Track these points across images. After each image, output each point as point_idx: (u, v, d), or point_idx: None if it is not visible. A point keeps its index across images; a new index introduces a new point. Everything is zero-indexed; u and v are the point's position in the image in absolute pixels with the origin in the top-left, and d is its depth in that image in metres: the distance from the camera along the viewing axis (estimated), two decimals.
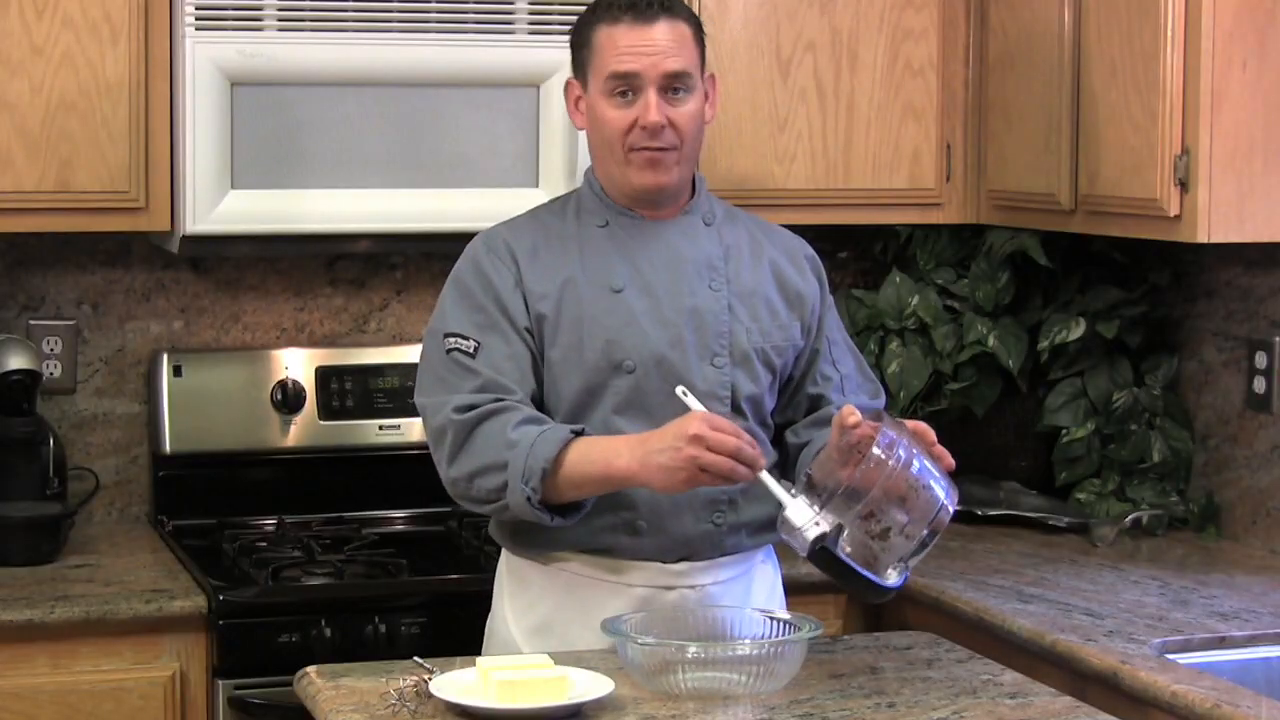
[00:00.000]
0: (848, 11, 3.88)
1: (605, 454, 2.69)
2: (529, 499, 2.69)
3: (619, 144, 2.83)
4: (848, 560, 2.54)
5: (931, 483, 2.57)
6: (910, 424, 2.65)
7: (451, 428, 2.77)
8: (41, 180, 3.49)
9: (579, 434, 2.73)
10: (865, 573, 2.55)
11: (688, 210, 2.92)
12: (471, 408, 2.77)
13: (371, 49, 3.58)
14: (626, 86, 2.81)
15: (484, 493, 2.76)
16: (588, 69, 2.86)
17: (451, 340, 2.84)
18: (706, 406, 2.75)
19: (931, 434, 2.67)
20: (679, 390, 2.72)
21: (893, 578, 2.57)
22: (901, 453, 2.55)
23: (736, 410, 2.87)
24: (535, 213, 2.96)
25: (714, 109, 2.93)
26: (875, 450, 2.55)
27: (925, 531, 2.57)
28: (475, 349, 2.82)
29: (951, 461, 2.65)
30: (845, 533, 2.54)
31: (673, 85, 2.81)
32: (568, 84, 2.93)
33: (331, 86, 3.57)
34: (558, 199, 3.00)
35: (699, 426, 2.60)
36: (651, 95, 2.80)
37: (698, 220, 2.93)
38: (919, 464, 2.57)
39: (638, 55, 2.80)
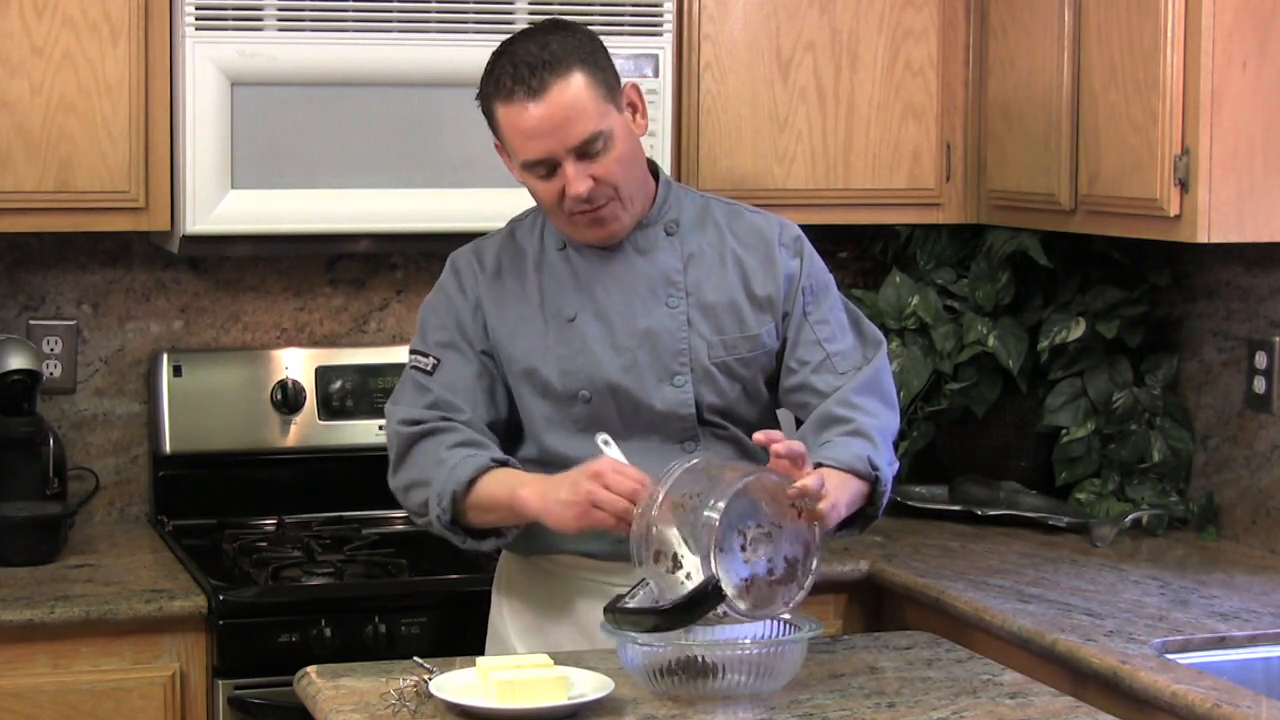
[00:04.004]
0: (848, 11, 3.89)
1: (513, 484, 2.74)
2: (439, 518, 2.77)
3: (558, 210, 2.81)
4: (628, 607, 2.55)
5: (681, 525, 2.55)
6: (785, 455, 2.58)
7: (395, 439, 2.87)
8: (41, 180, 3.49)
9: (503, 463, 2.79)
10: (646, 608, 2.54)
11: (647, 223, 2.88)
12: (416, 422, 2.85)
13: (371, 49, 3.58)
14: (544, 168, 2.76)
15: (415, 505, 2.85)
16: (502, 142, 2.82)
17: (414, 357, 2.92)
18: (669, 425, 2.82)
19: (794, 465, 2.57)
20: (600, 439, 2.74)
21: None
22: (663, 488, 2.56)
23: (702, 423, 2.86)
24: (512, 226, 2.97)
25: (644, 117, 2.85)
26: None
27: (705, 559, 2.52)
28: (433, 367, 2.88)
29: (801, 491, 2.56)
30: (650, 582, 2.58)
31: (586, 149, 2.75)
32: (495, 145, 2.86)
33: (331, 86, 3.57)
34: (532, 210, 2.96)
35: (601, 465, 2.64)
36: (569, 168, 2.74)
37: (658, 232, 2.89)
38: (667, 495, 2.56)
39: (541, 138, 2.73)
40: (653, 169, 2.92)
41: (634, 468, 2.65)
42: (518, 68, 2.73)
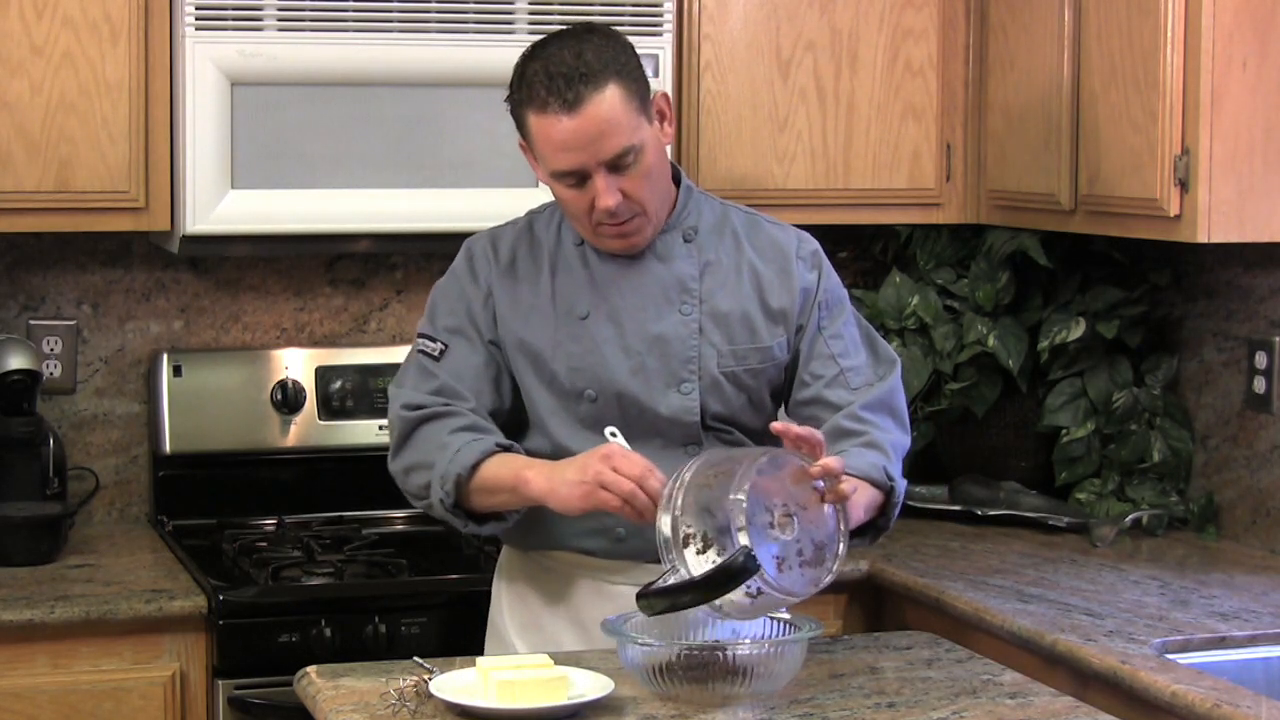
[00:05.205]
0: (848, 11, 3.89)
1: (518, 465, 2.74)
2: (442, 501, 2.77)
3: (584, 219, 2.80)
4: (660, 585, 2.53)
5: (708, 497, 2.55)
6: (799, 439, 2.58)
7: (398, 422, 2.87)
8: (41, 180, 3.49)
9: (507, 449, 2.78)
10: (679, 581, 2.52)
11: (666, 228, 2.88)
12: (419, 407, 2.84)
13: (371, 49, 3.58)
14: (573, 178, 2.75)
15: (415, 488, 2.84)
16: (531, 148, 2.80)
17: (422, 341, 2.91)
18: (673, 431, 2.83)
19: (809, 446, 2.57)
20: (607, 431, 2.73)
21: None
22: (688, 472, 2.57)
23: (705, 429, 2.86)
24: (530, 218, 2.96)
25: (672, 125, 2.84)
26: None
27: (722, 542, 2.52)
28: (441, 352, 2.88)
29: (822, 468, 2.56)
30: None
31: (618, 163, 2.73)
32: (520, 144, 2.85)
33: (331, 86, 3.57)
34: (550, 204, 2.96)
35: (611, 448, 2.65)
36: (600, 181, 2.73)
37: (676, 238, 2.88)
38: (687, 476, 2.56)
39: (573, 151, 2.71)
40: (674, 174, 2.91)
41: (642, 456, 2.65)
42: (552, 78, 2.71)
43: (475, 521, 2.82)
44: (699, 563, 2.52)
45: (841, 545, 2.57)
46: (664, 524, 2.55)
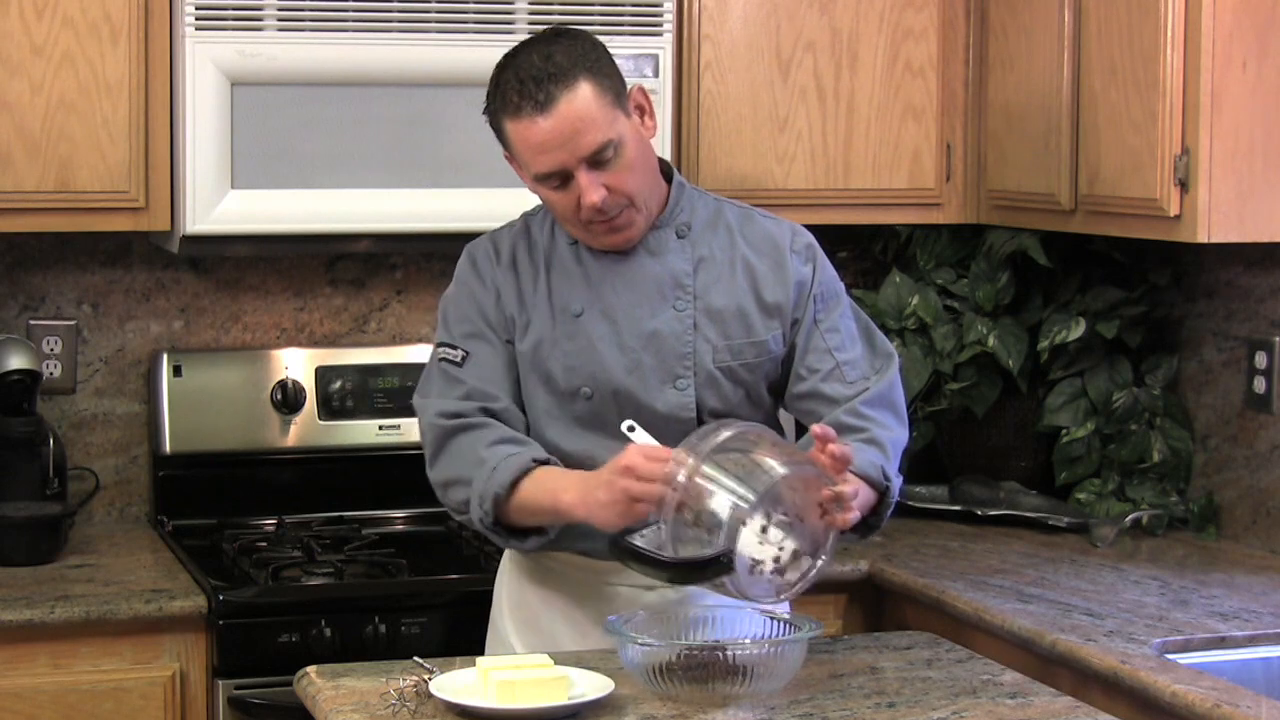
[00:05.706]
0: (848, 11, 3.89)
1: (555, 488, 2.73)
2: (482, 520, 2.77)
3: (574, 219, 2.81)
4: (637, 546, 2.55)
5: (712, 486, 2.55)
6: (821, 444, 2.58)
7: (431, 432, 2.86)
8: (41, 180, 3.49)
9: (543, 462, 2.77)
10: (655, 554, 2.54)
11: (659, 224, 2.88)
12: (454, 415, 2.84)
13: (371, 49, 3.58)
14: (557, 179, 2.76)
15: (455, 502, 2.84)
16: (513, 155, 2.81)
17: (442, 350, 2.91)
18: (669, 427, 2.80)
19: (830, 447, 2.58)
20: (625, 426, 2.73)
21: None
22: (709, 443, 2.57)
23: (702, 424, 2.85)
24: (525, 218, 2.96)
25: (652, 118, 2.84)
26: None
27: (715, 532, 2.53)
28: (463, 359, 2.88)
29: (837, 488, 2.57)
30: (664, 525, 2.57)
31: (598, 158, 2.74)
32: (505, 156, 2.85)
33: (331, 86, 3.57)
34: (543, 204, 2.98)
35: (630, 458, 2.61)
36: (582, 178, 2.74)
37: (669, 234, 2.88)
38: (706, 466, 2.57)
39: (552, 151, 2.72)
40: (665, 170, 2.91)
41: (664, 447, 2.63)
42: (523, 82, 2.72)
43: (517, 537, 2.81)
44: (684, 534, 2.54)
45: (821, 561, 2.58)
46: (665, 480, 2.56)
